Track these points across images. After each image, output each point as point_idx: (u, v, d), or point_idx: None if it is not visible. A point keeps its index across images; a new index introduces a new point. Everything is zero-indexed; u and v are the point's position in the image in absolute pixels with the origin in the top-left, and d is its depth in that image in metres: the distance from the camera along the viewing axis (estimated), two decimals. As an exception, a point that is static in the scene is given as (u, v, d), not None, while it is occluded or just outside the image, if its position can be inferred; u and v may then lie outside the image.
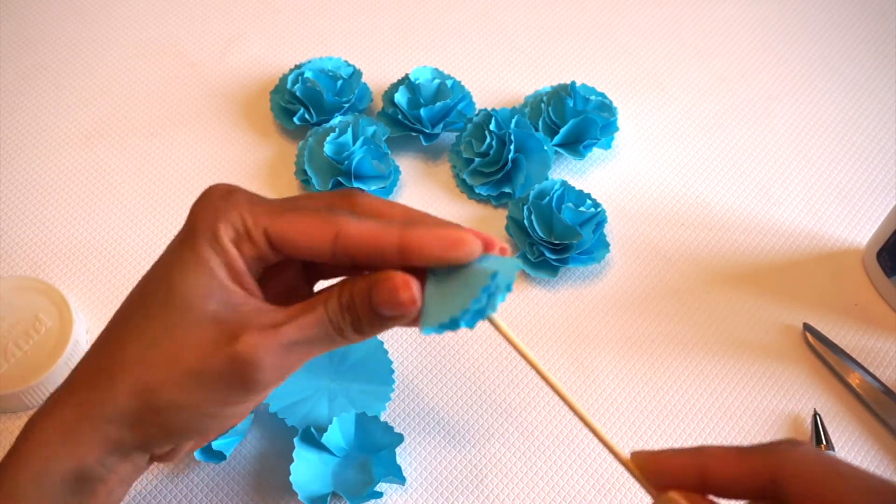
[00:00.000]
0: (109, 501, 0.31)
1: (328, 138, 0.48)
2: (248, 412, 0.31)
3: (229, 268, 0.29)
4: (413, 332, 0.45)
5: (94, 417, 0.29)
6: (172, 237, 0.30)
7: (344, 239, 0.28)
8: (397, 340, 0.45)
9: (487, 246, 0.28)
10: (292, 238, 0.28)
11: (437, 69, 0.54)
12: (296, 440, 0.39)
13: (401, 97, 0.51)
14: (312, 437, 0.39)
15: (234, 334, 0.27)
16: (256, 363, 0.27)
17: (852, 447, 0.42)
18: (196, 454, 0.39)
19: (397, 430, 0.41)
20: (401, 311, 0.28)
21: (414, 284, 0.28)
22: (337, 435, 0.40)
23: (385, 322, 0.29)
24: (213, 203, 0.29)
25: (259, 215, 0.29)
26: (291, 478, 0.38)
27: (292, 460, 0.39)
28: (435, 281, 0.28)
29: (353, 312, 0.29)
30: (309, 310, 0.28)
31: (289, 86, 0.52)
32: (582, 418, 0.29)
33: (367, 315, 0.28)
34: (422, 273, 0.28)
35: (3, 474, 0.29)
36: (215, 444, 0.38)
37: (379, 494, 0.39)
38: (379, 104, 0.54)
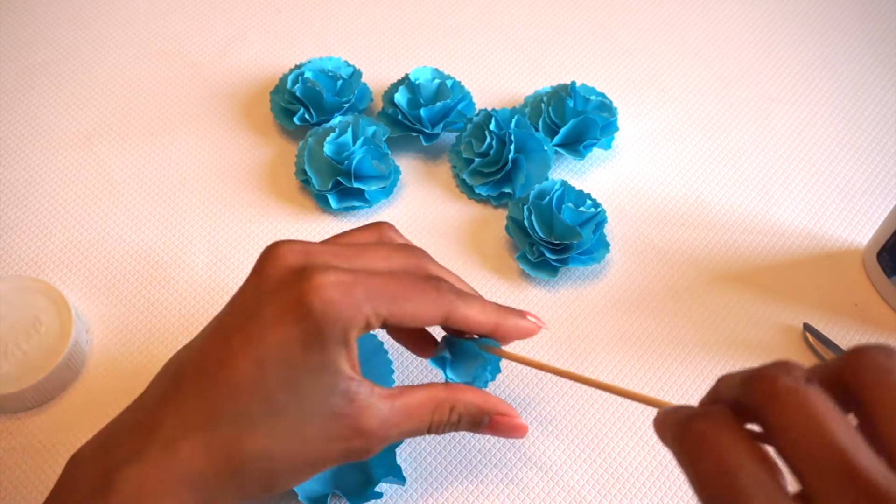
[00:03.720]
0: None
1: (328, 138, 0.48)
2: None
3: (352, 365, 0.31)
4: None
5: (207, 498, 0.30)
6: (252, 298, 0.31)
7: (452, 322, 0.32)
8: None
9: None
10: (406, 323, 0.31)
11: (437, 69, 0.54)
12: None
13: (401, 97, 0.51)
14: None
15: (354, 431, 0.31)
16: (367, 454, 0.32)
17: (852, 447, 0.42)
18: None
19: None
20: (504, 436, 0.36)
21: (524, 426, 0.36)
22: None
23: (475, 431, 0.35)
24: (337, 303, 0.29)
25: (380, 307, 0.30)
26: None
27: None
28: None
29: (453, 427, 0.34)
30: (415, 417, 0.32)
31: (289, 86, 0.52)
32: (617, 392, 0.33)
33: (467, 426, 0.34)
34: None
35: None
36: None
37: (379, 495, 0.39)
38: (379, 104, 0.54)
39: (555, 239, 0.46)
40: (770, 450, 0.22)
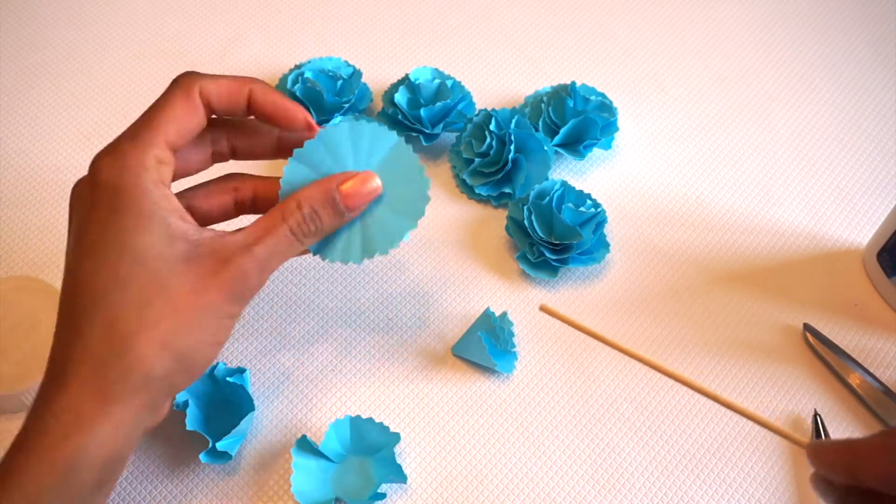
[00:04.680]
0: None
1: (328, 138, 0.48)
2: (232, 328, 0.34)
3: (174, 209, 0.31)
4: (415, 341, 0.45)
5: (116, 394, 0.30)
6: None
7: (205, 95, 0.33)
8: (400, 344, 0.45)
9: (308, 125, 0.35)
10: (178, 126, 0.33)
11: (437, 69, 0.54)
12: (293, 450, 0.39)
13: (401, 97, 0.51)
14: (309, 445, 0.39)
15: (217, 264, 0.31)
16: (247, 277, 0.32)
17: (852, 447, 0.42)
18: (201, 457, 0.38)
19: (394, 430, 0.41)
20: (368, 201, 0.35)
21: (375, 175, 0.35)
22: (333, 441, 0.40)
23: (343, 220, 0.35)
24: (117, 159, 0.31)
25: (147, 137, 0.32)
26: (293, 489, 0.38)
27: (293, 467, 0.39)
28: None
29: (316, 220, 0.34)
30: (271, 227, 0.33)
31: (289, 86, 0.52)
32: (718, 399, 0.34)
33: (329, 218, 0.34)
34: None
35: (21, 476, 0.29)
36: (219, 445, 0.38)
37: (382, 496, 0.39)
38: (379, 104, 0.54)
39: (555, 239, 0.46)
40: None
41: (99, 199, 0.31)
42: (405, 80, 0.52)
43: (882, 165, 0.53)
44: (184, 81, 0.33)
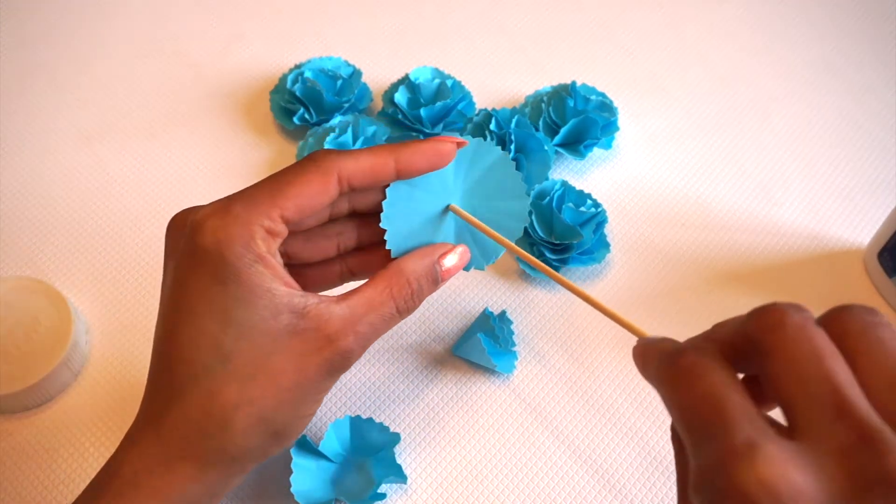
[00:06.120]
0: None
1: (328, 138, 0.48)
2: None
3: (278, 277, 0.30)
4: (415, 341, 0.45)
5: (213, 464, 0.30)
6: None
7: (345, 177, 0.31)
8: (399, 344, 0.45)
9: (459, 145, 0.33)
10: (301, 203, 0.30)
11: (437, 69, 0.54)
12: (292, 450, 0.39)
13: (401, 97, 0.51)
14: (309, 446, 0.39)
15: (322, 338, 0.30)
16: (350, 352, 0.31)
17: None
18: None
19: (394, 430, 0.41)
20: (459, 270, 0.35)
21: (468, 252, 0.35)
22: (333, 441, 0.40)
23: (437, 288, 0.34)
24: (220, 228, 0.29)
25: (272, 210, 0.30)
26: (292, 489, 0.38)
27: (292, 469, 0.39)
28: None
29: (420, 296, 0.33)
30: (378, 307, 0.32)
31: (289, 86, 0.52)
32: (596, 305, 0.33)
33: (429, 291, 0.34)
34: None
35: None
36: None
37: (382, 496, 0.39)
38: (379, 104, 0.54)
39: (555, 239, 0.46)
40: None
41: (200, 265, 0.30)
42: (405, 80, 0.52)
43: (882, 165, 0.53)
44: (322, 161, 0.31)
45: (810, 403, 0.20)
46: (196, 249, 0.30)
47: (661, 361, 0.24)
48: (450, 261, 0.34)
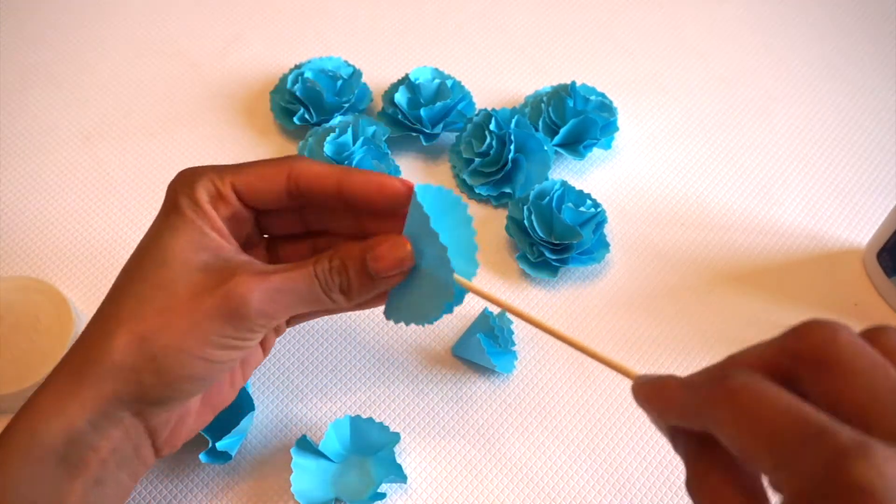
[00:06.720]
0: (103, 478, 0.31)
1: (328, 138, 0.48)
2: (234, 361, 0.33)
3: (214, 228, 0.32)
4: (415, 341, 0.45)
5: (87, 376, 0.30)
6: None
7: (296, 176, 0.33)
8: (399, 344, 0.45)
9: (408, 191, 0.33)
10: (253, 184, 0.33)
11: (437, 69, 0.54)
12: (293, 450, 0.39)
13: (401, 97, 0.51)
14: (309, 445, 0.39)
15: (225, 278, 0.31)
16: (246, 298, 0.30)
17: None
18: (201, 457, 0.38)
19: (394, 429, 0.41)
20: (398, 268, 0.32)
21: (408, 244, 0.32)
22: (333, 441, 0.40)
23: (375, 283, 0.33)
24: (185, 176, 0.33)
25: (225, 174, 0.33)
26: (293, 489, 0.38)
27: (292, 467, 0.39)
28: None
29: (343, 274, 0.32)
30: (298, 266, 0.32)
31: (289, 86, 0.52)
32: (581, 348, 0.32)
33: (357, 277, 0.32)
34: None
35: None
36: (219, 444, 0.38)
37: (382, 496, 0.39)
38: (379, 104, 0.54)
39: (555, 239, 0.46)
40: None
41: (163, 204, 0.33)
42: (405, 80, 0.52)
43: (882, 165, 0.53)
44: (287, 159, 0.34)
45: (888, 411, 0.21)
46: (166, 192, 0.33)
47: (709, 389, 0.24)
48: (382, 248, 0.32)
